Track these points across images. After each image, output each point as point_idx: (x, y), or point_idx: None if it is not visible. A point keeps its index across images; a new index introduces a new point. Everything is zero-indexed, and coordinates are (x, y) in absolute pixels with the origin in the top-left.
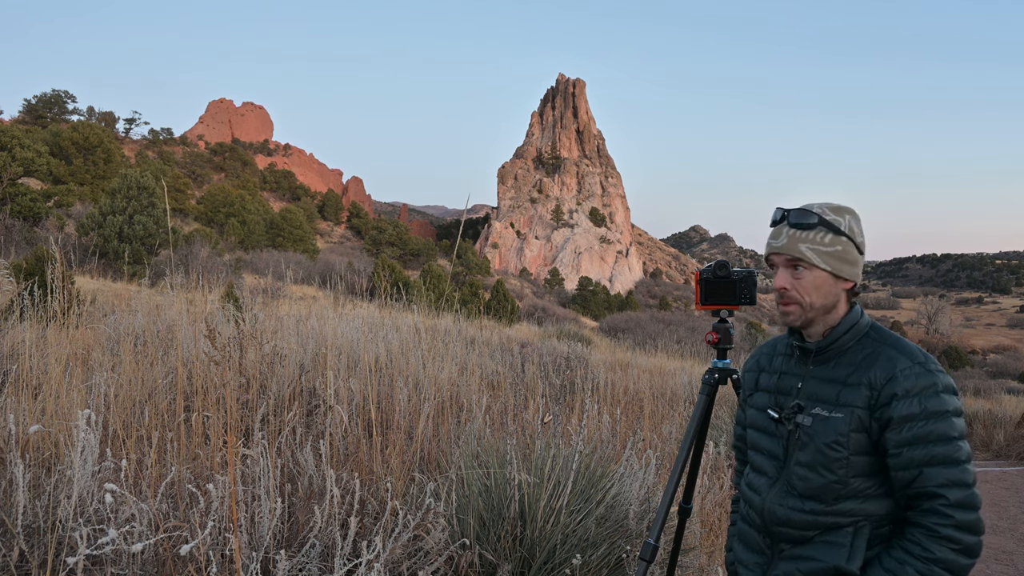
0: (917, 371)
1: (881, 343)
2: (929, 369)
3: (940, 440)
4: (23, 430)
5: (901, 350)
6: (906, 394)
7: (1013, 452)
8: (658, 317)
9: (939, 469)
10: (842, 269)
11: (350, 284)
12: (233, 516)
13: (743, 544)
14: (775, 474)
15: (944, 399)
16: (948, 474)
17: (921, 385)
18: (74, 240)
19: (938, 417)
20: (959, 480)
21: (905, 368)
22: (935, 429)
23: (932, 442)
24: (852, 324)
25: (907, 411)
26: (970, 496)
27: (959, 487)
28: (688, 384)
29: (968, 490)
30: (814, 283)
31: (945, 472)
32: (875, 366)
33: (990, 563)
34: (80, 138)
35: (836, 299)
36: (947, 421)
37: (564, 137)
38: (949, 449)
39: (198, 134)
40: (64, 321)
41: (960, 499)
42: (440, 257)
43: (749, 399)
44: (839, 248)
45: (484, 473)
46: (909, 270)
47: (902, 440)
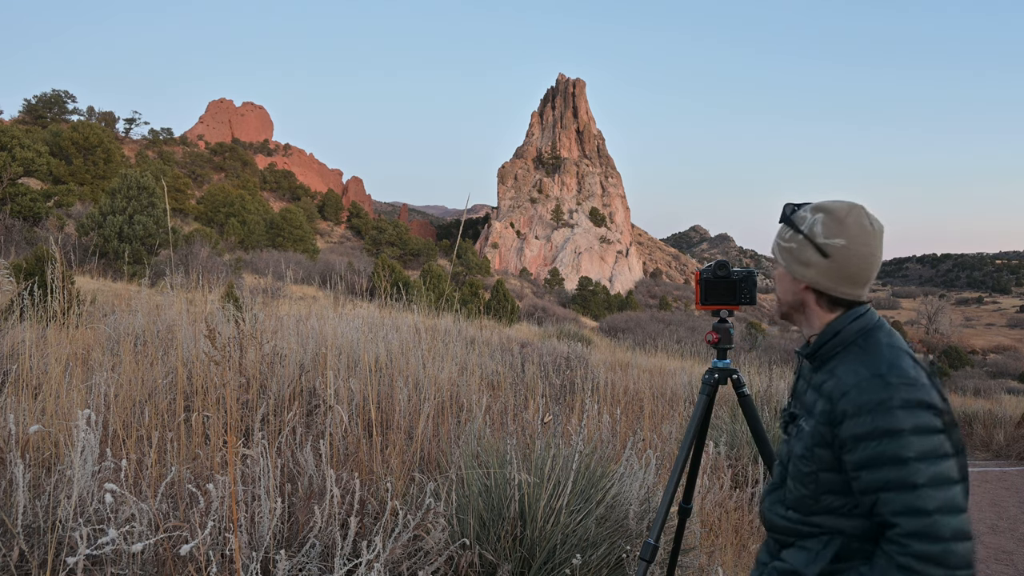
0: (873, 384)
1: (859, 351)
2: (888, 382)
3: (892, 463)
4: (23, 430)
5: (864, 360)
6: (857, 411)
7: (1013, 452)
8: (658, 317)
9: (892, 495)
10: (793, 268)
11: (350, 284)
12: (233, 516)
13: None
14: (779, 481)
15: (898, 416)
16: (902, 500)
17: (874, 401)
18: (74, 240)
19: (890, 437)
20: (914, 507)
21: (860, 382)
22: (886, 450)
23: (884, 465)
24: (837, 330)
25: (858, 430)
26: (929, 525)
27: (914, 515)
28: (688, 384)
29: (926, 518)
30: (778, 278)
31: (899, 498)
32: (836, 376)
33: (990, 563)
34: (80, 138)
35: (799, 299)
36: (900, 441)
37: (564, 137)
38: (903, 473)
39: (198, 134)
40: (64, 321)
41: (915, 528)
42: (440, 257)
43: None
44: (793, 246)
45: (484, 473)
46: (909, 270)
47: (856, 462)
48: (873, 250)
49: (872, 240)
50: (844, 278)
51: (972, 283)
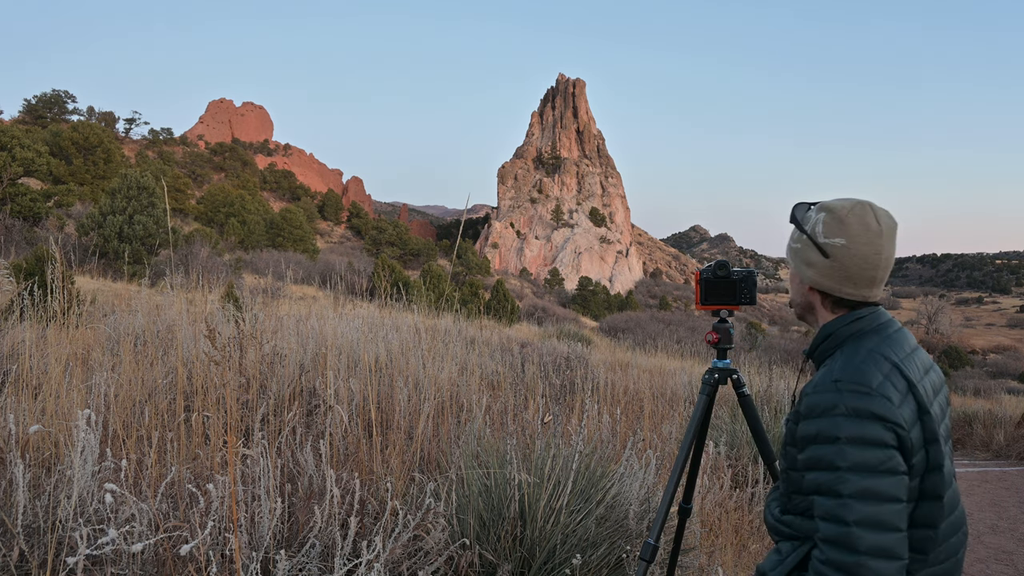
0: (827, 388)
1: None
2: (839, 389)
3: (825, 468)
4: (23, 430)
5: (836, 363)
6: (808, 413)
7: (1013, 452)
8: (658, 317)
9: (821, 499)
10: (800, 269)
11: (350, 284)
12: (233, 516)
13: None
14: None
15: (839, 423)
16: (826, 506)
17: (823, 405)
18: (74, 240)
19: (828, 442)
20: (835, 515)
21: (818, 384)
22: (823, 455)
23: (819, 469)
24: (830, 332)
25: (806, 431)
26: (845, 534)
27: (832, 522)
28: (688, 384)
29: (843, 527)
30: (789, 278)
31: (824, 503)
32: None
33: (990, 563)
34: (80, 138)
35: (807, 300)
36: (835, 447)
37: (564, 137)
38: (831, 479)
39: (198, 134)
40: (64, 321)
41: (830, 535)
42: (440, 257)
43: None
44: (799, 247)
45: (484, 473)
46: (909, 270)
47: (802, 461)
48: (878, 249)
49: (876, 239)
50: (845, 278)
51: (972, 283)
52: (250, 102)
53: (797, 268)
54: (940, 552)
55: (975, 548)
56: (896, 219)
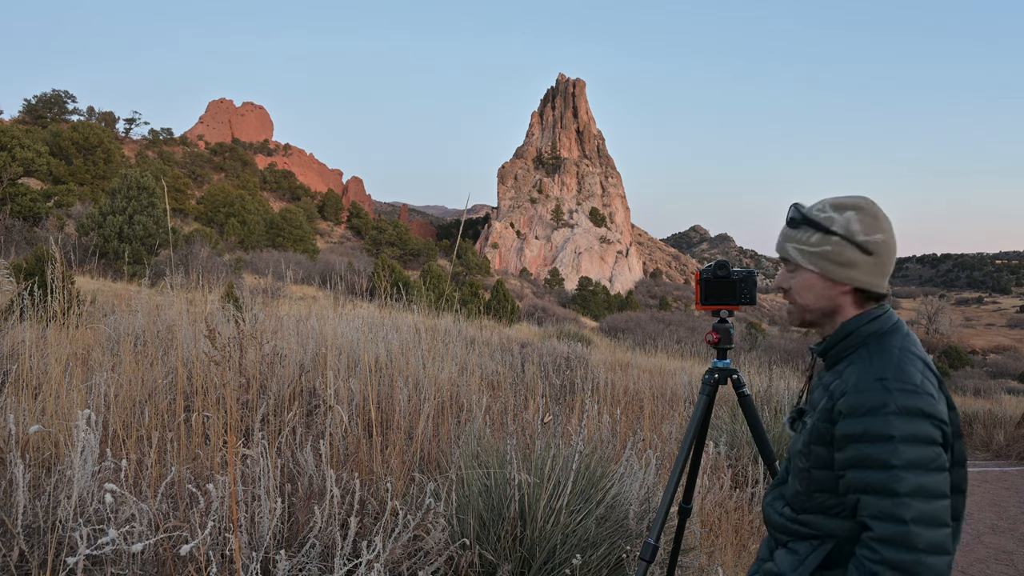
0: (873, 388)
1: (867, 353)
2: (887, 387)
3: (877, 467)
4: (23, 430)
5: (872, 362)
6: (852, 412)
7: (1013, 452)
8: (658, 317)
9: (872, 498)
10: (832, 271)
11: (350, 284)
12: (233, 516)
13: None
14: (783, 476)
15: (891, 421)
16: (880, 505)
17: (870, 404)
18: (74, 240)
19: (880, 441)
20: (891, 514)
21: (861, 383)
22: (873, 454)
23: (868, 468)
24: (850, 331)
25: (850, 430)
26: (903, 533)
27: (889, 521)
28: (688, 384)
29: (902, 526)
30: (804, 284)
31: (877, 503)
32: (842, 376)
33: (990, 563)
34: (80, 138)
35: (834, 302)
36: (889, 446)
37: (564, 137)
38: (885, 478)
39: (198, 134)
40: (64, 321)
41: (887, 535)
42: (440, 257)
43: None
44: (828, 248)
45: (484, 473)
46: (909, 270)
47: (843, 461)
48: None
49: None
50: (883, 273)
51: (972, 283)
52: (250, 102)
53: (827, 271)
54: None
55: (975, 548)
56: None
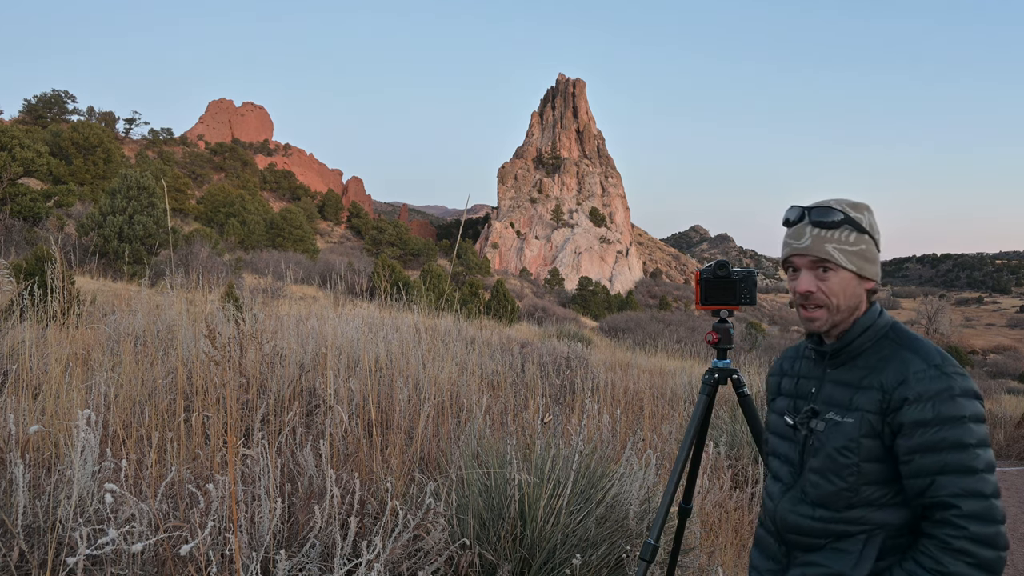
0: (932, 374)
1: (898, 344)
2: (945, 372)
3: (954, 447)
4: (23, 430)
5: (917, 351)
6: (918, 398)
7: (1013, 452)
8: (658, 317)
9: (952, 478)
10: (865, 268)
11: (350, 284)
12: (233, 516)
13: (759, 550)
14: (790, 480)
15: (960, 403)
16: (962, 483)
17: (935, 389)
18: (74, 240)
19: (953, 423)
20: (974, 490)
21: (919, 371)
22: (948, 436)
23: (945, 449)
24: (868, 325)
25: (919, 416)
26: (988, 507)
27: (974, 497)
28: (688, 384)
29: (985, 501)
30: (841, 285)
31: (959, 481)
32: (888, 369)
33: None
34: (80, 138)
35: (859, 300)
36: (963, 427)
37: (564, 137)
38: (964, 457)
39: (198, 134)
40: (64, 321)
41: (975, 510)
42: (440, 257)
43: (771, 404)
44: (863, 247)
45: (484, 473)
46: (909, 270)
47: (913, 446)
48: None
49: None
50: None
51: (972, 283)
52: (250, 102)
53: (861, 268)
54: None
55: None
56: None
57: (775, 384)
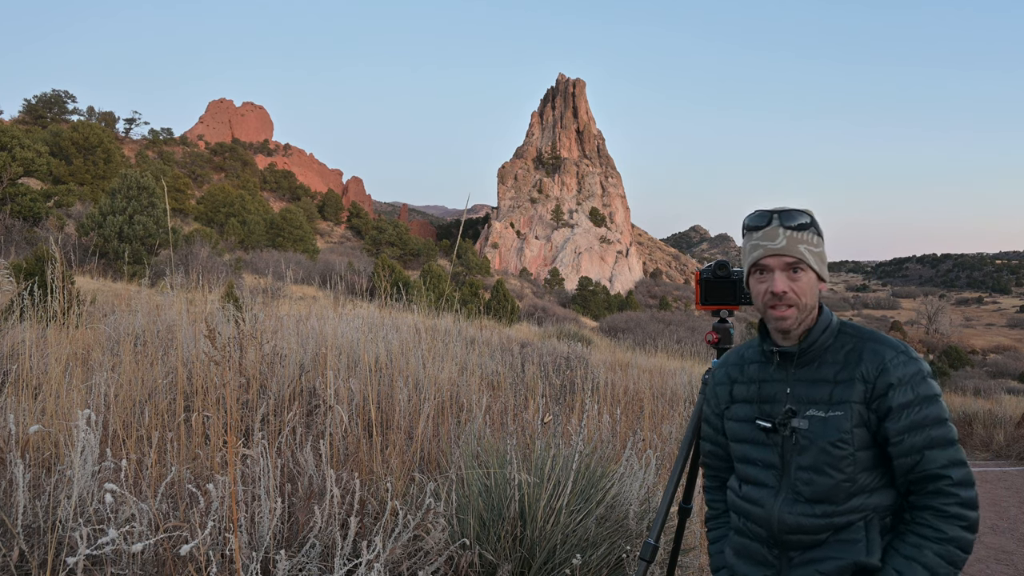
0: (903, 359)
1: (860, 338)
2: (912, 356)
3: (935, 423)
4: (23, 430)
5: (882, 342)
6: (899, 382)
7: (1013, 452)
8: (658, 317)
9: (939, 451)
10: (823, 270)
11: (350, 284)
12: (233, 516)
13: (744, 559)
14: (776, 483)
15: (931, 383)
16: (948, 455)
17: (910, 372)
18: (74, 240)
19: (930, 401)
20: (957, 459)
21: (893, 358)
22: (930, 413)
23: (929, 426)
24: (827, 324)
25: (903, 399)
26: (968, 473)
27: (959, 466)
28: (688, 384)
29: (966, 468)
30: (808, 285)
31: (945, 453)
32: (863, 361)
33: (990, 563)
34: (80, 138)
35: (816, 300)
36: (938, 404)
37: (564, 137)
38: (944, 431)
39: (198, 134)
40: (64, 321)
41: (962, 477)
42: (440, 257)
43: (727, 412)
44: (822, 250)
45: (484, 473)
46: (909, 270)
47: (902, 427)
48: None
49: None
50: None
51: (972, 283)
52: (250, 102)
53: (820, 269)
54: None
55: (975, 548)
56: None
57: (725, 393)
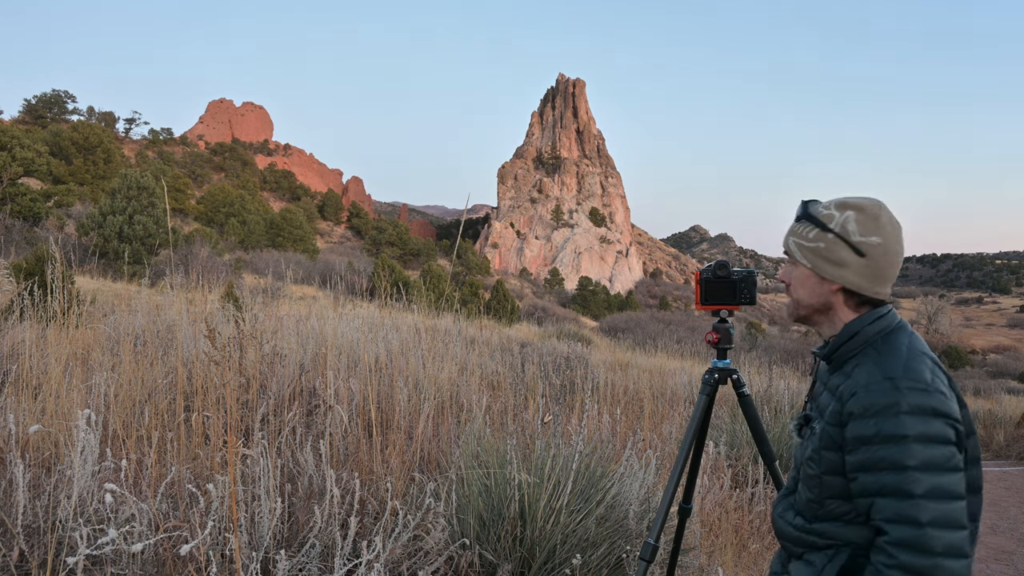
0: (883, 387)
1: (876, 352)
2: (897, 387)
3: (891, 468)
4: (23, 430)
5: (880, 362)
6: (863, 413)
7: (1013, 452)
8: (658, 317)
9: (888, 501)
10: (823, 269)
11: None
12: (233, 516)
13: (777, 554)
14: (792, 486)
15: (904, 421)
16: (895, 508)
17: (881, 404)
18: (74, 240)
19: (892, 442)
20: (907, 516)
21: (871, 383)
22: (887, 456)
23: (884, 470)
24: (855, 331)
25: (861, 432)
26: (920, 536)
27: (905, 524)
28: (688, 384)
29: (918, 529)
30: (799, 279)
31: (893, 505)
32: (851, 378)
33: (990, 563)
34: (80, 138)
35: (826, 300)
36: (902, 447)
37: (564, 137)
38: (901, 480)
39: (198, 134)
40: (64, 321)
41: (904, 538)
42: (440, 257)
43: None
44: (821, 245)
45: (484, 473)
46: (909, 270)
47: (855, 463)
48: (902, 246)
49: (901, 236)
50: (878, 277)
51: (972, 283)
52: (250, 102)
53: (819, 267)
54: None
55: (976, 548)
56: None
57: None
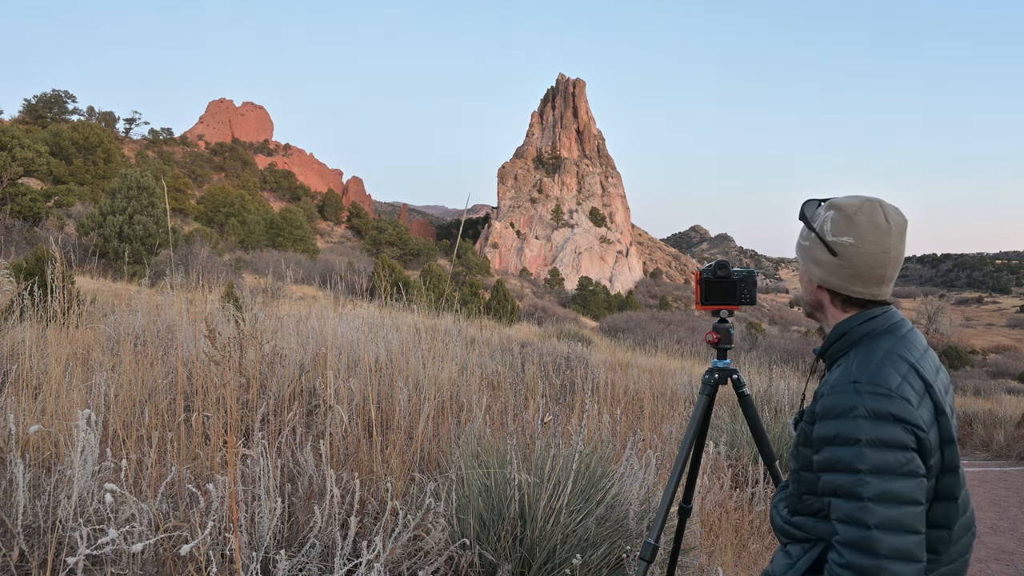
0: (845, 390)
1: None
2: (858, 391)
3: (844, 470)
4: (23, 430)
5: (852, 364)
6: (826, 414)
7: (1013, 452)
8: (658, 317)
9: (840, 501)
10: (808, 267)
11: (350, 284)
12: (233, 516)
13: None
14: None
15: (860, 425)
16: (846, 508)
17: (842, 406)
18: (74, 240)
19: (847, 444)
20: (855, 518)
21: (837, 385)
22: (843, 457)
23: (837, 471)
24: (844, 332)
25: (824, 432)
26: (865, 538)
27: (853, 525)
28: (688, 384)
29: (864, 531)
30: (799, 276)
31: (844, 506)
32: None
33: (990, 563)
34: (80, 138)
35: (816, 298)
36: (855, 450)
37: (564, 137)
38: (851, 482)
39: (198, 134)
40: (64, 321)
41: (851, 538)
42: (440, 257)
43: None
44: (807, 244)
45: (484, 473)
46: (909, 270)
47: (819, 463)
48: (886, 248)
49: (885, 238)
50: (854, 277)
51: (972, 283)
52: (250, 102)
53: (805, 266)
54: (952, 552)
55: (975, 548)
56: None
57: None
